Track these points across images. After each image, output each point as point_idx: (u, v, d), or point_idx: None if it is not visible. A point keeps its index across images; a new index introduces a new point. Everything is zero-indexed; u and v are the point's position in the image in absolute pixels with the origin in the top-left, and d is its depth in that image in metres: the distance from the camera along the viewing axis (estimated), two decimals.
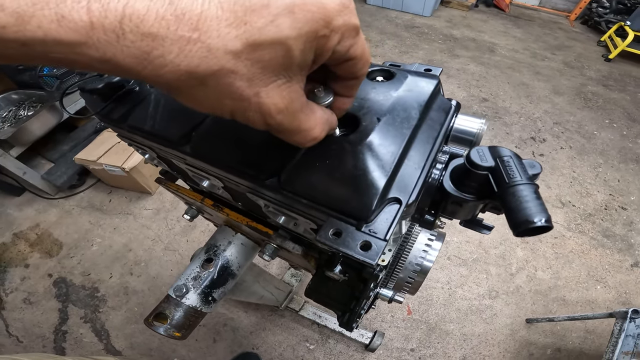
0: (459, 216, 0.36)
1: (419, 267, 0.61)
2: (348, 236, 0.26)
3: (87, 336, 1.51)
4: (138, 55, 0.17)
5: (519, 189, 0.25)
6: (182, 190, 0.58)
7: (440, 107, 0.32)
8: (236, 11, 0.18)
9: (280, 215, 0.43)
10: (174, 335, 0.54)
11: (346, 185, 0.26)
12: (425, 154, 0.29)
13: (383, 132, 0.27)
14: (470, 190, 0.30)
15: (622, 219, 2.00)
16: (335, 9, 0.19)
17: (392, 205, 0.27)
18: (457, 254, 1.79)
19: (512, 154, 0.27)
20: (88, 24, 0.16)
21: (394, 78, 0.33)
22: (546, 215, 0.24)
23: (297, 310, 1.43)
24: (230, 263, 0.57)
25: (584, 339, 1.56)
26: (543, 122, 2.65)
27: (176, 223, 1.86)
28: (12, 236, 1.86)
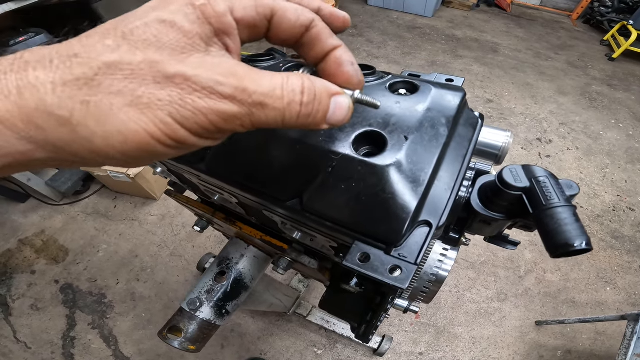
0: (485, 233, 0.35)
1: (434, 277, 0.60)
2: (376, 260, 0.25)
3: (95, 342, 1.50)
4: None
5: (558, 211, 0.24)
6: (192, 204, 0.57)
7: (467, 122, 0.31)
8: (115, 27, 0.17)
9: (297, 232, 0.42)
10: (188, 349, 0.54)
11: (374, 209, 0.26)
12: (455, 174, 0.28)
13: (412, 151, 0.26)
14: (499, 210, 0.29)
15: (631, 220, 1.98)
16: None
17: (422, 228, 0.26)
18: (464, 257, 1.78)
19: (548, 174, 0.26)
20: None
21: (418, 91, 0.32)
22: (586, 239, 0.23)
23: (305, 315, 1.42)
24: (244, 276, 0.56)
25: (595, 341, 1.54)
26: (549, 123, 2.64)
27: (182, 229, 1.85)
28: (17, 243, 1.86)
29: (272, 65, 0.44)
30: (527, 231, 0.31)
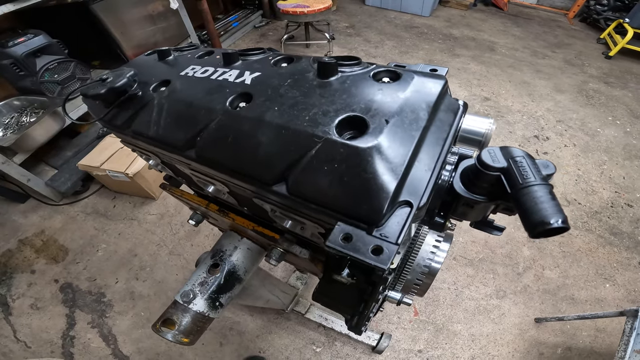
0: (470, 218, 0.35)
1: (427, 268, 0.61)
2: (359, 240, 0.25)
3: (94, 341, 1.51)
4: None
5: (534, 189, 0.24)
6: (187, 196, 0.57)
7: (448, 108, 0.32)
8: None
9: (287, 220, 0.43)
10: (182, 341, 0.54)
11: (356, 190, 0.26)
12: (435, 156, 0.28)
13: (392, 134, 0.27)
14: (481, 192, 0.29)
15: (629, 216, 1.98)
16: None
17: (403, 208, 0.26)
18: (463, 254, 1.78)
19: (524, 154, 0.27)
20: None
21: (400, 79, 0.32)
22: (562, 216, 0.23)
23: (303, 313, 1.42)
24: (237, 268, 0.57)
25: (595, 338, 1.54)
26: (546, 120, 2.64)
27: (180, 227, 1.86)
28: (17, 242, 1.86)
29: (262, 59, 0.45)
30: (509, 214, 0.32)
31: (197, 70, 0.42)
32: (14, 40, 1.78)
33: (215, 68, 0.41)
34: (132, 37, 2.19)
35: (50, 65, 1.90)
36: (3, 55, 1.76)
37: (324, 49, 3.44)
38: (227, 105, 0.34)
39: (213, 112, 0.34)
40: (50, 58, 1.89)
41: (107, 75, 0.44)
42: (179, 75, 0.42)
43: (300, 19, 2.97)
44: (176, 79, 0.41)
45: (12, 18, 1.72)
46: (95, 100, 0.45)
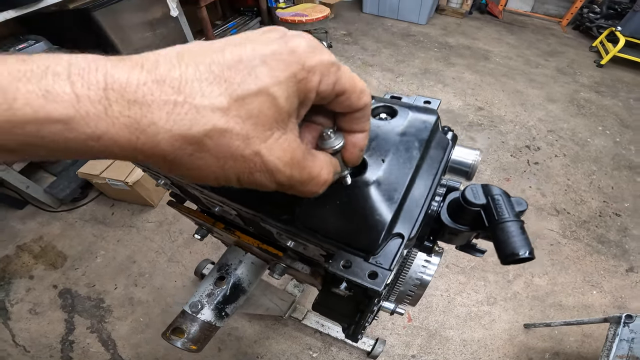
0: (455, 243, 0.39)
1: (419, 281, 0.65)
2: (357, 266, 0.29)
3: (94, 346, 1.52)
4: (129, 124, 0.17)
5: (507, 225, 0.29)
6: (194, 214, 0.61)
7: (438, 144, 0.36)
8: (213, 70, 0.18)
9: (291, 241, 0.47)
10: (190, 349, 0.57)
11: (355, 223, 0.30)
12: (425, 191, 0.33)
13: (388, 172, 0.31)
14: (464, 222, 0.34)
15: (617, 225, 2.05)
16: (306, 50, 0.20)
17: (396, 239, 0.31)
18: (455, 262, 1.83)
19: (501, 192, 0.31)
20: (73, 97, 0.16)
21: (397, 116, 0.36)
22: (529, 249, 0.28)
23: (300, 319, 1.46)
24: (242, 280, 0.60)
25: (582, 343, 1.59)
26: (537, 130, 2.71)
27: (179, 235, 1.88)
28: (15, 248, 1.87)
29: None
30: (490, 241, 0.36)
31: None
32: (15, 47, 1.81)
33: None
34: (132, 44, 2.22)
35: None
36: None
37: None
38: None
39: None
40: None
41: None
42: None
43: (298, 28, 3.02)
44: None
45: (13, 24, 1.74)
46: None
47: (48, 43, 1.90)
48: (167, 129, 0.17)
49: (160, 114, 0.17)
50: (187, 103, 0.17)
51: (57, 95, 0.16)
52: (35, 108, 0.15)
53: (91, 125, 0.16)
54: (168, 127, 0.17)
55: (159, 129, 0.17)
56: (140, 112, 0.17)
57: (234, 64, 0.18)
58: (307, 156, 0.22)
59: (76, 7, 2.00)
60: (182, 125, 0.17)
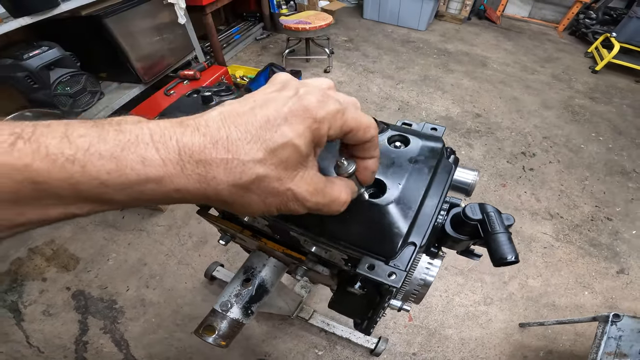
0: (456, 249, 0.47)
1: (422, 281, 0.72)
2: (379, 268, 0.37)
3: (107, 346, 1.58)
4: (198, 179, 0.22)
5: (498, 236, 0.36)
6: (223, 223, 0.68)
7: (444, 169, 0.43)
8: (249, 130, 0.23)
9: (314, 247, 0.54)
10: (220, 345, 0.64)
11: (378, 234, 0.37)
12: (433, 208, 0.40)
13: (404, 194, 0.39)
14: (464, 233, 0.41)
15: (608, 229, 2.14)
16: (316, 106, 0.24)
17: (410, 247, 0.38)
18: (453, 264, 1.91)
19: (494, 210, 0.39)
20: (160, 162, 0.21)
21: (410, 144, 0.44)
22: (515, 254, 0.35)
23: (306, 318, 1.52)
24: (265, 282, 0.68)
25: (574, 342, 1.66)
26: (533, 137, 2.80)
27: (188, 238, 1.95)
28: (27, 251, 1.93)
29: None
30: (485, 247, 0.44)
31: None
32: (28, 53, 1.85)
33: None
34: (141, 50, 2.28)
35: (64, 78, 1.99)
36: (18, 68, 1.84)
37: (323, 63, 3.58)
38: None
39: None
40: (63, 71, 1.98)
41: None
42: None
43: (301, 35, 3.10)
44: None
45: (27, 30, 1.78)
46: None
47: (61, 50, 1.97)
48: (225, 180, 0.23)
49: (219, 169, 0.22)
50: (236, 159, 0.23)
51: (151, 161, 0.21)
52: (138, 172, 0.21)
53: (174, 181, 0.22)
54: (225, 179, 0.23)
55: (219, 181, 0.23)
56: (205, 169, 0.22)
57: (263, 124, 0.23)
58: (327, 184, 0.28)
59: (88, 14, 2.06)
60: (234, 176, 0.23)
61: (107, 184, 0.20)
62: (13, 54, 1.83)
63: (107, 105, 2.20)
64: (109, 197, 0.21)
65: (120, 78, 2.40)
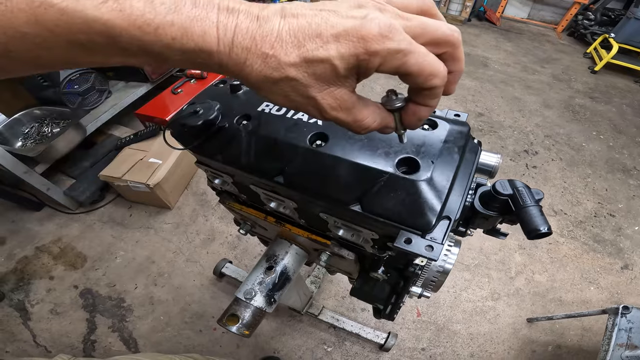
0: (484, 227, 0.48)
1: (441, 268, 0.73)
2: (416, 242, 0.38)
3: (115, 345, 1.58)
4: (239, 62, 0.25)
5: (530, 209, 0.37)
6: (246, 210, 0.69)
7: (471, 150, 0.45)
8: (298, 37, 0.24)
9: (342, 229, 0.55)
10: (244, 334, 0.65)
11: (414, 209, 0.39)
12: (464, 185, 0.41)
13: (437, 171, 0.40)
14: (493, 209, 0.43)
15: (611, 225, 2.15)
16: (373, 38, 0.24)
17: (445, 221, 0.39)
18: (460, 260, 1.92)
19: (524, 185, 0.40)
20: (216, 40, 0.24)
21: (438, 127, 0.45)
22: (548, 225, 0.37)
23: (316, 314, 1.53)
24: (288, 270, 0.69)
25: (582, 337, 1.67)
26: (535, 135, 2.83)
27: (196, 236, 1.95)
28: (34, 250, 1.92)
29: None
30: (511, 224, 0.45)
31: (271, 107, 0.54)
32: None
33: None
34: None
35: (73, 77, 2.00)
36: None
37: None
38: (308, 143, 0.46)
39: (297, 147, 0.46)
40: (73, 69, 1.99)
41: (199, 108, 0.56)
42: (257, 111, 0.54)
43: None
44: (256, 114, 0.53)
45: None
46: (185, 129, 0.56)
47: None
48: (259, 71, 0.25)
49: (258, 60, 0.25)
50: (275, 57, 0.25)
51: (209, 37, 0.24)
52: (196, 43, 0.24)
53: (220, 58, 0.25)
54: (260, 69, 0.25)
55: (254, 70, 0.25)
56: (246, 56, 0.25)
57: (314, 36, 0.24)
58: (356, 104, 0.28)
59: None
60: (268, 71, 0.25)
61: (169, 46, 0.23)
62: None
63: (115, 103, 2.21)
64: (166, 56, 0.24)
65: (128, 77, 2.42)
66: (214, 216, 2.05)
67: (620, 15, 4.06)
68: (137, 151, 2.00)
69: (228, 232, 1.97)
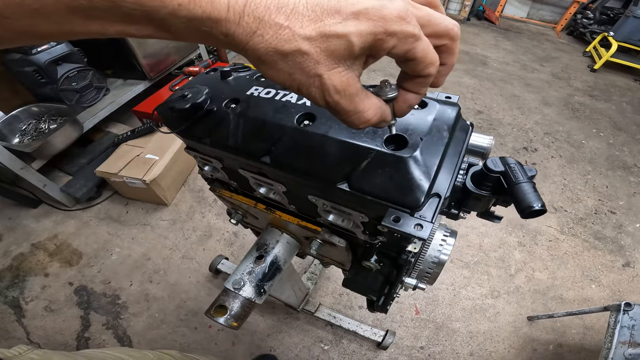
0: (477, 209, 0.46)
1: (437, 259, 0.72)
2: (405, 221, 0.36)
3: (109, 342, 1.56)
4: (248, 32, 0.23)
5: (523, 185, 0.36)
6: (236, 197, 0.68)
7: (462, 128, 0.43)
8: (316, 11, 0.23)
9: (331, 214, 0.54)
10: (232, 325, 0.63)
11: (402, 186, 0.37)
12: (454, 163, 0.40)
13: (425, 148, 0.38)
14: (485, 189, 0.41)
15: (612, 222, 2.13)
16: (393, 19, 0.24)
17: (434, 198, 0.38)
18: (459, 257, 1.90)
19: (516, 162, 0.38)
20: (226, 6, 0.23)
21: (427, 107, 0.44)
22: (541, 202, 0.35)
23: (312, 312, 1.51)
24: (278, 259, 0.67)
25: (584, 335, 1.65)
26: (534, 133, 2.81)
27: (192, 233, 1.94)
28: (30, 246, 1.91)
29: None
30: (504, 206, 0.43)
31: (260, 91, 0.53)
32: (37, 48, 1.86)
33: (276, 90, 0.52)
34: (147, 48, 2.29)
35: (71, 74, 1.99)
36: (26, 63, 1.84)
37: None
38: (295, 123, 0.45)
39: (284, 128, 0.45)
40: (70, 66, 1.99)
41: (187, 92, 0.55)
42: (246, 95, 0.53)
43: None
44: (245, 98, 0.52)
45: None
46: (173, 114, 0.55)
47: (69, 45, 1.98)
48: (269, 42, 0.24)
49: (270, 31, 0.23)
50: (289, 28, 0.23)
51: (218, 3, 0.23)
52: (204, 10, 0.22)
53: (228, 27, 0.23)
54: (270, 41, 0.24)
55: (264, 41, 0.24)
56: (258, 26, 0.23)
57: (333, 11, 0.24)
58: (360, 93, 0.27)
59: None
60: (279, 42, 0.24)
61: (175, 13, 0.22)
62: (22, 49, 1.84)
63: (113, 101, 2.20)
64: (169, 24, 0.23)
65: (126, 75, 2.41)
66: (210, 213, 2.04)
67: (619, 14, 4.06)
68: (134, 147, 1.99)
69: (225, 229, 1.96)
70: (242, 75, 0.61)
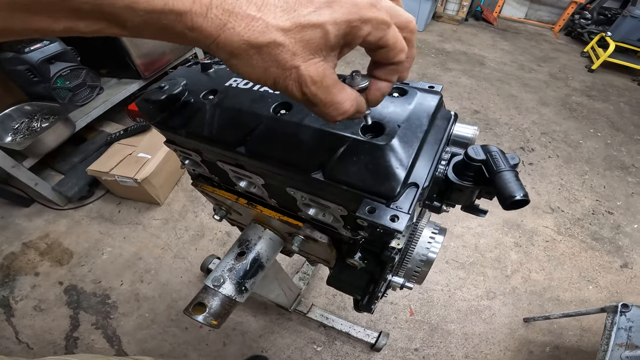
0: (460, 202, 0.44)
1: (425, 257, 0.69)
2: (380, 212, 0.34)
3: (98, 342, 1.54)
4: (217, 25, 0.22)
5: (504, 174, 0.34)
6: (217, 192, 0.66)
7: (443, 117, 0.41)
8: (288, 1, 0.23)
9: (312, 208, 0.52)
10: (211, 324, 0.61)
11: (377, 174, 0.35)
12: (433, 152, 0.38)
13: (403, 135, 0.36)
14: (468, 179, 0.39)
15: (610, 223, 2.11)
16: (365, 6, 0.24)
17: (412, 188, 0.36)
18: (454, 257, 1.87)
19: (498, 149, 0.36)
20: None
21: (407, 94, 0.42)
22: (524, 192, 0.33)
23: (305, 312, 1.49)
24: (261, 256, 0.65)
25: (581, 337, 1.62)
26: (531, 133, 2.80)
27: (184, 232, 1.92)
28: (21, 245, 1.89)
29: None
30: (489, 198, 0.41)
31: (239, 82, 0.51)
32: (30, 47, 1.84)
33: None
34: (141, 47, 2.27)
35: (64, 72, 1.98)
36: (19, 61, 1.83)
37: None
38: (272, 112, 0.43)
39: (260, 117, 0.43)
40: (63, 65, 1.97)
41: (164, 84, 0.53)
42: (224, 86, 0.51)
43: None
44: (223, 89, 0.51)
45: None
46: (150, 105, 0.53)
47: (62, 44, 1.96)
48: (242, 34, 0.23)
49: (241, 23, 0.22)
50: (262, 20, 0.23)
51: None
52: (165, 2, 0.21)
53: (194, 20, 0.22)
54: (243, 33, 0.23)
55: (236, 34, 0.23)
56: (228, 18, 0.22)
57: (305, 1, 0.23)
58: (336, 84, 0.27)
59: None
60: (252, 34, 0.23)
61: (131, 6, 0.20)
62: (14, 47, 1.82)
63: (106, 100, 2.18)
64: (124, 18, 0.21)
65: (121, 74, 2.39)
66: (203, 212, 2.02)
67: (616, 14, 4.07)
68: (126, 146, 1.97)
69: (217, 229, 1.94)
70: (222, 68, 0.60)
